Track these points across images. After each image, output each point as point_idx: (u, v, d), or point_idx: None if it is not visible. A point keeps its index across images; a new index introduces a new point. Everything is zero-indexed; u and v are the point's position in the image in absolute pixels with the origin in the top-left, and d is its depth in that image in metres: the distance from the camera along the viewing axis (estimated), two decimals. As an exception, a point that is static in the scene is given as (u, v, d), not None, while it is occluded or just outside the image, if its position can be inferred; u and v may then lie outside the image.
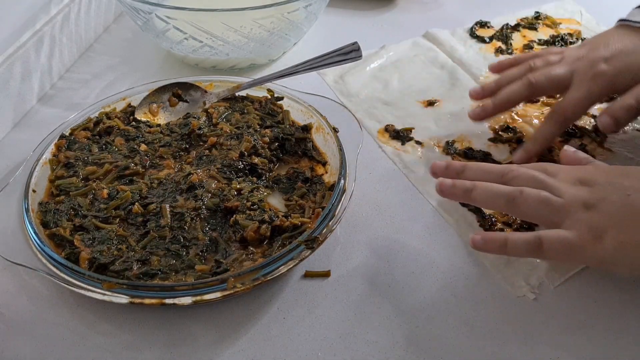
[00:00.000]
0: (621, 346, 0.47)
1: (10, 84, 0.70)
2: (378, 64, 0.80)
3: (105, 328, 0.49)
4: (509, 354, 0.47)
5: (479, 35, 0.86)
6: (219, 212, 0.55)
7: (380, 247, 0.56)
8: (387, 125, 0.70)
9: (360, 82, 0.77)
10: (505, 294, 0.51)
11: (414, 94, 0.75)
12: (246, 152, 0.61)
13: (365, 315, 0.50)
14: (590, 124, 0.69)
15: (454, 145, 0.67)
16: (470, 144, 0.67)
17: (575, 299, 0.51)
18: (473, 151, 0.66)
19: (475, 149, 0.66)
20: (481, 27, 0.88)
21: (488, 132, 0.69)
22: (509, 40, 0.84)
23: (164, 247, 0.52)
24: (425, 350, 0.47)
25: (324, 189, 0.58)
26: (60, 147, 0.62)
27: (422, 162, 0.65)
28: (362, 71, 0.79)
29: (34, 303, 0.51)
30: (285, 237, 0.52)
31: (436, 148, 0.67)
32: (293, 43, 0.81)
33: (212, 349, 0.48)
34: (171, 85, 0.70)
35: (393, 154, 0.66)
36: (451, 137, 0.68)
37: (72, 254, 0.51)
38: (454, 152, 0.66)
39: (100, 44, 0.87)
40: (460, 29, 0.87)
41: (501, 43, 0.84)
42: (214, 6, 0.70)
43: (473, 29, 0.87)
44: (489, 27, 0.88)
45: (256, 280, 0.48)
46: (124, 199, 0.56)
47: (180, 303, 0.47)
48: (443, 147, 0.67)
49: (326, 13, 0.87)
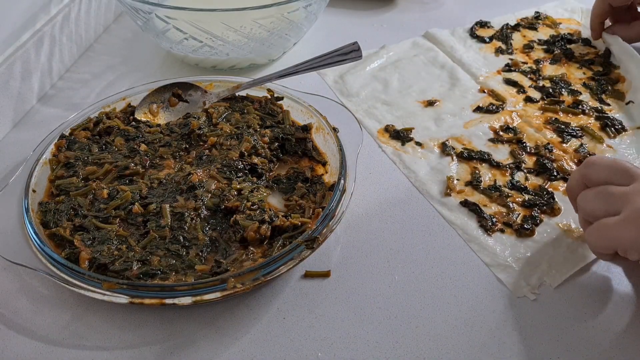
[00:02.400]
0: (621, 346, 0.47)
1: (10, 84, 0.70)
2: (378, 64, 0.80)
3: (105, 328, 0.49)
4: (508, 354, 0.47)
5: (479, 35, 0.86)
6: (219, 212, 0.55)
7: (380, 247, 0.56)
8: (387, 125, 0.70)
9: (360, 82, 0.77)
10: (505, 294, 0.51)
11: (414, 94, 0.75)
12: (246, 152, 0.61)
13: (365, 315, 0.50)
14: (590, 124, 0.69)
15: (453, 145, 0.67)
16: (471, 145, 0.67)
17: (575, 299, 0.51)
18: (473, 152, 0.66)
19: (475, 150, 0.66)
20: (481, 27, 0.88)
21: (488, 132, 0.69)
22: (509, 40, 0.85)
23: (164, 247, 0.52)
24: (425, 350, 0.47)
25: (324, 189, 0.58)
26: (60, 147, 0.62)
27: (422, 162, 0.65)
28: (362, 71, 0.79)
29: (34, 303, 0.51)
30: (285, 237, 0.52)
31: (436, 149, 0.67)
32: (293, 43, 0.81)
33: (212, 349, 0.48)
34: (171, 85, 0.70)
35: (393, 154, 0.66)
36: (451, 137, 0.68)
37: (72, 254, 0.51)
38: (454, 152, 0.66)
39: (100, 44, 0.87)
40: (460, 28, 0.87)
41: (501, 43, 0.84)
42: (214, 6, 0.70)
43: (473, 29, 0.87)
44: (489, 27, 0.88)
45: (256, 280, 0.48)
46: (124, 199, 0.56)
47: (180, 303, 0.47)
48: (442, 147, 0.67)
49: (326, 13, 0.87)
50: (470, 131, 0.69)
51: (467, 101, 0.73)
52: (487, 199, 0.60)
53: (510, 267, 0.53)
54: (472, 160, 0.65)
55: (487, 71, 0.78)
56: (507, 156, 0.65)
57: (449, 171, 0.63)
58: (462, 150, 0.66)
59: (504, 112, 0.71)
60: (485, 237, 0.56)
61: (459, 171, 0.64)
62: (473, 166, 0.64)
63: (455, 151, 0.66)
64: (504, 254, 0.54)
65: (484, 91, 0.75)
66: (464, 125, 0.70)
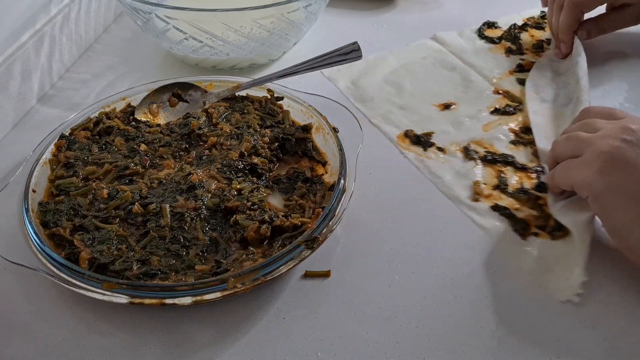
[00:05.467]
0: (621, 347, 0.47)
1: (10, 84, 0.70)
2: (388, 68, 0.79)
3: (104, 328, 0.49)
4: (508, 354, 0.47)
5: (487, 35, 0.85)
6: (219, 212, 0.55)
7: (380, 247, 0.56)
8: (406, 131, 0.69)
9: (373, 87, 0.76)
10: (505, 294, 0.51)
11: (429, 97, 0.74)
12: (246, 152, 0.61)
13: (365, 315, 0.50)
14: None
15: (475, 149, 0.66)
16: (492, 148, 0.66)
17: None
18: (496, 155, 0.65)
19: (497, 152, 0.65)
20: (489, 28, 0.87)
21: (508, 134, 0.68)
22: (517, 40, 0.84)
23: (164, 247, 0.52)
24: (425, 350, 0.47)
25: (324, 189, 0.58)
26: (60, 147, 0.62)
27: (446, 167, 0.64)
28: (373, 76, 0.78)
29: (34, 303, 0.51)
30: (285, 237, 0.52)
31: (458, 153, 0.65)
32: (293, 43, 0.81)
33: (212, 349, 0.48)
34: (171, 85, 0.70)
35: (416, 160, 0.65)
36: (472, 141, 0.67)
37: (72, 254, 0.51)
38: (477, 156, 0.65)
39: (100, 44, 0.87)
40: (467, 29, 0.87)
41: (510, 43, 0.83)
42: (214, 6, 0.70)
43: (481, 29, 0.86)
44: (496, 28, 0.87)
45: (256, 280, 0.48)
46: (124, 199, 0.56)
47: (180, 303, 0.47)
48: (464, 151, 0.66)
49: (326, 13, 0.87)
50: (490, 134, 0.68)
51: (483, 103, 0.72)
52: (516, 202, 0.59)
53: (550, 270, 0.52)
54: (496, 164, 0.64)
55: (499, 72, 0.78)
56: (531, 157, 0.64)
57: (474, 175, 0.62)
58: (485, 154, 0.65)
59: (521, 113, 0.71)
60: (520, 241, 0.55)
61: (484, 175, 0.62)
62: (498, 170, 0.63)
63: (478, 155, 0.65)
64: (544, 258, 0.53)
65: (499, 92, 0.74)
66: (483, 127, 0.69)
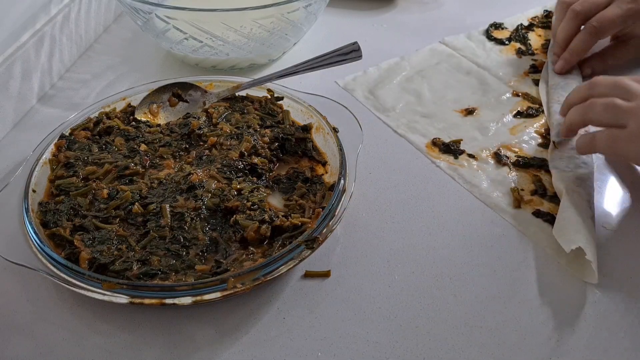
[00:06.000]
0: (621, 347, 0.47)
1: (10, 84, 0.70)
2: (403, 75, 0.78)
3: (105, 328, 0.49)
4: (508, 354, 0.47)
5: (495, 37, 0.85)
6: (219, 212, 0.55)
7: (380, 247, 0.56)
8: (434, 139, 0.67)
9: (391, 96, 0.75)
10: (505, 294, 0.51)
11: (449, 104, 0.73)
12: (246, 152, 0.61)
13: (365, 315, 0.50)
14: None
15: (506, 154, 0.65)
16: (522, 152, 0.65)
17: (574, 299, 0.51)
18: (528, 158, 0.64)
19: (528, 156, 0.64)
20: (496, 29, 0.87)
21: (536, 136, 0.67)
22: (526, 40, 0.84)
23: (164, 247, 0.52)
24: (425, 350, 0.47)
25: (324, 189, 0.58)
26: (60, 147, 0.62)
27: (480, 175, 0.63)
28: (389, 84, 0.77)
29: (34, 303, 0.51)
30: (285, 237, 0.52)
31: (490, 159, 0.65)
32: (293, 43, 0.81)
33: (212, 349, 0.48)
34: (171, 85, 0.70)
35: (449, 169, 0.64)
36: (501, 146, 0.66)
37: (72, 254, 0.51)
38: (509, 162, 0.64)
39: (100, 44, 0.87)
40: (475, 31, 0.86)
41: (520, 44, 0.83)
42: (214, 6, 0.70)
43: (488, 31, 0.86)
44: (503, 29, 0.87)
45: (256, 280, 0.48)
46: (124, 199, 0.56)
47: (180, 303, 0.47)
48: (496, 157, 0.65)
49: (326, 13, 0.87)
50: (518, 137, 0.67)
51: (505, 107, 0.72)
52: (557, 207, 0.57)
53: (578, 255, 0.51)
54: (529, 168, 0.63)
55: (514, 74, 0.77)
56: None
57: (510, 182, 0.62)
58: (517, 159, 0.64)
59: (544, 115, 0.70)
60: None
61: (520, 180, 0.62)
62: (533, 174, 0.62)
63: (510, 160, 0.64)
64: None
65: (518, 95, 0.74)
66: (510, 131, 0.68)
